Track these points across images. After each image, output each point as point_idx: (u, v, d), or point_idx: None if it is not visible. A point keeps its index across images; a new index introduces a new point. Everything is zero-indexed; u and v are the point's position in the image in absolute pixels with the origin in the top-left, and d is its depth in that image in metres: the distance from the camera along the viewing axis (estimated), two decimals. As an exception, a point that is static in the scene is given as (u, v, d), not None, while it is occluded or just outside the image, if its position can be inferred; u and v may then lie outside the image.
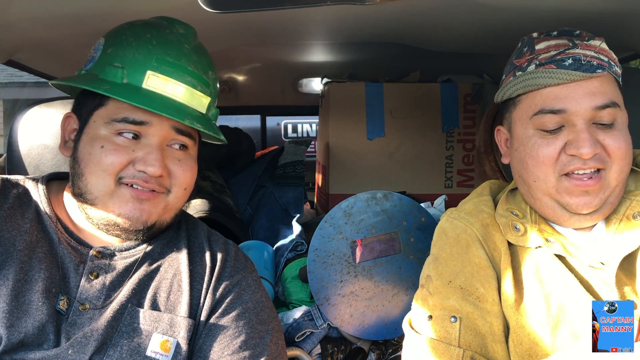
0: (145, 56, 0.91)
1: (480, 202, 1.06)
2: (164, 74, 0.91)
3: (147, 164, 0.90)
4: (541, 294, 0.92)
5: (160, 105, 0.89)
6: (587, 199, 0.91)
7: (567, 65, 0.92)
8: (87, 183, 0.91)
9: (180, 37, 0.97)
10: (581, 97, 0.91)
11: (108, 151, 0.90)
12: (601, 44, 0.95)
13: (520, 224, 0.98)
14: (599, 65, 0.92)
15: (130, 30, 0.95)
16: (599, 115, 0.91)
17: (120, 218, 0.91)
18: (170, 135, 0.94)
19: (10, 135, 1.43)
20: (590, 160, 0.90)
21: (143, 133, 0.92)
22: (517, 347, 0.92)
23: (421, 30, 1.42)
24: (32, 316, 0.85)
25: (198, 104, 0.96)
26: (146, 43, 0.93)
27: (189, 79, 0.94)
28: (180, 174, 0.96)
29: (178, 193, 0.96)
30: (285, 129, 4.74)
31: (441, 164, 1.98)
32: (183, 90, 0.93)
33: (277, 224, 1.80)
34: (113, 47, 0.94)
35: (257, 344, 0.95)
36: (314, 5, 0.79)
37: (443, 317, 0.95)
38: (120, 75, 0.91)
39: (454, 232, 1.02)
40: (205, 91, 0.97)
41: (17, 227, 0.90)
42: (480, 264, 0.98)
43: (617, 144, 0.91)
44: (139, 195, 0.91)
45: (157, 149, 0.92)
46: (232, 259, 1.03)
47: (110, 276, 0.93)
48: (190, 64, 0.94)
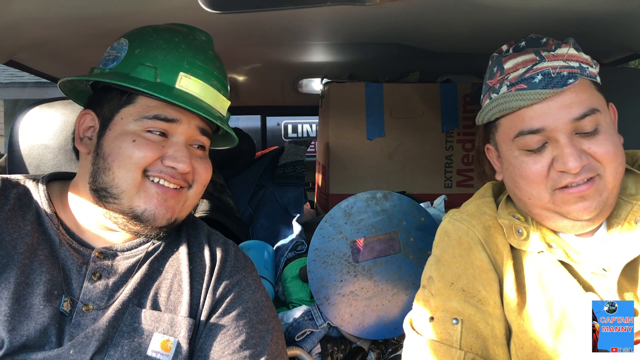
0: (177, 58, 0.95)
1: (483, 204, 1.05)
2: (194, 76, 0.95)
3: (178, 160, 0.93)
4: (543, 299, 0.92)
5: (193, 105, 0.93)
6: (586, 203, 0.90)
7: (537, 83, 0.90)
8: (115, 176, 0.92)
9: (204, 43, 1.02)
10: (557, 112, 0.89)
11: (141, 145, 0.92)
12: (569, 50, 0.92)
13: (523, 228, 0.97)
14: (570, 75, 0.90)
15: (157, 34, 0.98)
16: (580, 126, 0.89)
17: (147, 214, 0.93)
18: (195, 134, 0.98)
19: (11, 136, 1.43)
20: (580, 172, 0.89)
21: (171, 132, 0.95)
22: (518, 350, 0.92)
23: (421, 30, 1.42)
24: (34, 319, 0.85)
25: (221, 107, 1.01)
26: (176, 46, 0.96)
27: (215, 82, 0.99)
28: (203, 171, 1.00)
29: (198, 189, 1.00)
30: (285, 129, 4.75)
31: (441, 164, 1.98)
32: (211, 93, 0.98)
33: (277, 224, 1.80)
34: (141, 47, 0.96)
35: (257, 343, 0.95)
36: (314, 5, 0.79)
37: (445, 319, 0.95)
38: (154, 74, 0.93)
39: (456, 233, 1.02)
40: (226, 95, 1.03)
41: (18, 229, 0.90)
42: (482, 267, 0.97)
43: (605, 149, 0.89)
44: (165, 193, 0.94)
45: (185, 146, 0.96)
46: (232, 258, 1.03)
47: (113, 277, 0.93)
48: (215, 69, 1.00)
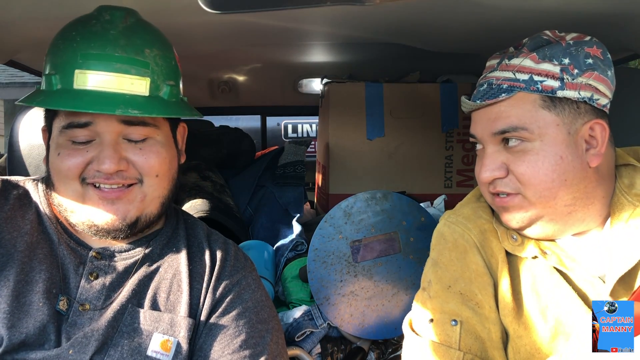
0: (71, 55, 0.88)
1: (479, 208, 1.04)
2: (90, 69, 0.87)
3: (100, 162, 0.89)
4: (538, 306, 0.92)
5: (89, 103, 0.86)
6: (509, 215, 0.94)
7: (477, 92, 0.96)
8: (59, 192, 0.92)
9: (106, 24, 0.91)
10: (484, 123, 0.95)
11: (64, 156, 0.90)
12: (523, 61, 0.91)
13: (517, 234, 0.97)
14: (508, 88, 0.91)
15: (60, 32, 0.93)
16: (502, 139, 0.92)
17: (99, 224, 0.91)
18: (120, 128, 0.91)
19: (11, 136, 1.43)
20: (497, 185, 0.93)
21: (94, 134, 0.90)
22: (515, 355, 0.92)
23: (421, 30, 1.42)
24: (33, 317, 0.85)
25: (138, 88, 0.90)
26: (71, 42, 0.89)
27: (117, 65, 0.88)
28: (144, 161, 0.93)
29: (150, 181, 0.94)
30: (285, 129, 4.75)
31: (441, 164, 1.98)
32: (112, 80, 0.88)
33: (277, 224, 1.81)
34: (48, 55, 0.92)
35: (257, 343, 0.95)
36: (314, 5, 0.79)
37: (443, 320, 0.95)
38: (55, 82, 0.89)
39: (452, 236, 1.02)
40: (142, 72, 0.90)
41: (18, 228, 0.91)
42: (477, 271, 0.97)
43: (521, 169, 0.90)
44: (106, 196, 0.90)
45: (108, 145, 0.90)
46: (232, 258, 1.03)
47: (110, 277, 0.93)
48: (118, 49, 0.88)
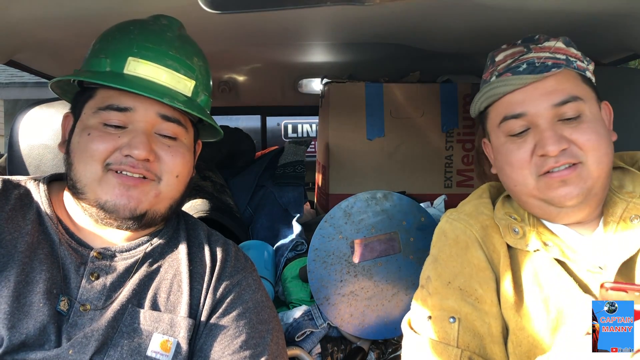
0: (126, 45, 0.94)
1: (480, 205, 1.06)
2: (144, 59, 0.92)
3: (132, 147, 0.90)
4: (540, 297, 0.92)
5: (141, 87, 0.90)
6: (568, 189, 0.92)
7: (521, 71, 0.95)
8: (77, 172, 0.92)
9: (163, 27, 0.99)
10: (538, 98, 0.93)
11: (94, 137, 0.91)
12: (556, 44, 0.97)
13: (519, 227, 0.98)
14: (554, 65, 0.94)
15: (116, 26, 0.99)
16: (561, 112, 0.93)
17: (108, 205, 0.91)
18: (156, 121, 0.94)
19: (11, 136, 1.43)
20: (560, 157, 0.91)
21: (128, 121, 0.93)
22: (516, 348, 0.92)
23: (421, 30, 1.42)
24: (33, 317, 0.85)
25: (183, 87, 0.96)
26: (128, 33, 0.96)
27: (170, 62, 0.94)
28: (170, 159, 0.95)
29: (169, 181, 0.95)
30: (285, 129, 4.76)
31: (441, 164, 1.98)
32: (165, 74, 0.94)
33: (277, 224, 1.80)
34: (100, 42, 0.98)
35: (257, 343, 0.95)
36: (314, 5, 0.79)
37: (442, 317, 0.96)
38: (104, 64, 0.93)
39: (454, 233, 1.03)
40: (190, 75, 0.97)
41: (19, 228, 0.91)
42: (479, 266, 0.98)
43: (586, 137, 0.91)
44: (126, 182, 0.91)
45: (142, 133, 0.92)
46: (232, 258, 1.03)
47: (110, 277, 0.93)
48: (172, 49, 0.95)
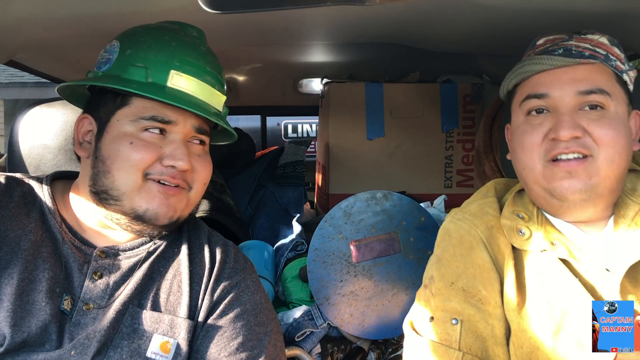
0: (168, 56, 0.94)
1: (485, 204, 1.04)
2: (186, 73, 0.94)
3: (177, 158, 0.93)
4: (544, 298, 0.91)
5: (187, 103, 0.92)
6: (571, 181, 0.89)
7: (556, 54, 0.94)
8: (115, 179, 0.92)
9: (195, 39, 1.01)
10: (565, 82, 0.92)
11: (137, 147, 0.91)
12: (600, 38, 0.96)
13: (526, 227, 0.96)
14: (590, 55, 0.93)
15: (147, 33, 0.97)
16: (585, 101, 0.91)
17: (149, 213, 0.92)
18: (191, 133, 0.97)
19: (11, 136, 1.43)
20: (571, 143, 0.89)
21: (168, 130, 0.95)
22: (517, 350, 0.91)
23: (421, 30, 1.42)
24: (36, 316, 0.85)
25: (217, 102, 0.99)
26: (166, 44, 0.95)
27: (208, 78, 0.97)
28: (202, 169, 0.99)
29: (199, 188, 0.99)
30: (285, 129, 4.75)
31: (441, 164, 1.98)
32: (205, 89, 0.96)
33: (277, 224, 1.80)
34: (132, 49, 0.95)
35: (254, 345, 0.94)
36: (314, 5, 0.79)
37: (444, 319, 0.95)
38: (145, 74, 0.92)
39: (458, 233, 1.01)
40: (222, 90, 1.01)
41: (22, 226, 0.91)
42: (483, 266, 0.97)
43: (603, 131, 0.89)
44: (167, 191, 0.93)
45: (183, 144, 0.95)
46: (232, 260, 1.03)
47: (114, 276, 0.93)
48: (208, 65, 0.98)
